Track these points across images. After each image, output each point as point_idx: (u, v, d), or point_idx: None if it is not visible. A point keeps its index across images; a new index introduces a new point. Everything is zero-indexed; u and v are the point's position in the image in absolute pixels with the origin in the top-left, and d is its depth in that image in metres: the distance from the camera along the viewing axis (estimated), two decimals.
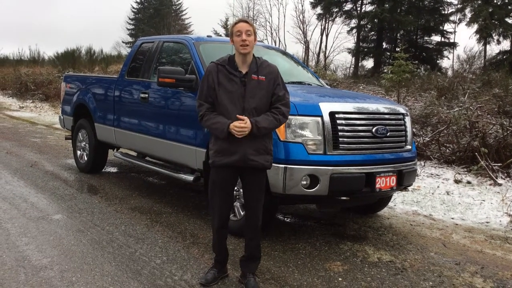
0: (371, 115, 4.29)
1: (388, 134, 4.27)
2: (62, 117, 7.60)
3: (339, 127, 4.04)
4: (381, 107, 4.48)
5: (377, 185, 4.11)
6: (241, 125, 3.00)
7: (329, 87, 5.97)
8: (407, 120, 4.62)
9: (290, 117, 3.92)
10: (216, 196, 3.25)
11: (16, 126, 12.25)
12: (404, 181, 4.37)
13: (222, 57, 3.22)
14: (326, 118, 4.00)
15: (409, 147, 4.57)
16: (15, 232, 4.17)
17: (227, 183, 3.23)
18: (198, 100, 3.19)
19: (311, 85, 5.57)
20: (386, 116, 4.44)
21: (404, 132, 4.52)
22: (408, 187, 4.82)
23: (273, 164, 3.93)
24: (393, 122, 4.45)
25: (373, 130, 4.18)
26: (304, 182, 3.91)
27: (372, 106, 4.39)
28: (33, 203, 5.10)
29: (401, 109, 4.67)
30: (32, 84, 20.35)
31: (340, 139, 4.03)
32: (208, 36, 5.79)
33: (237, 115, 3.03)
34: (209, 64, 3.23)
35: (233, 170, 3.18)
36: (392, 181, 4.24)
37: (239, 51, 3.12)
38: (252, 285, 3.21)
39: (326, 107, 4.05)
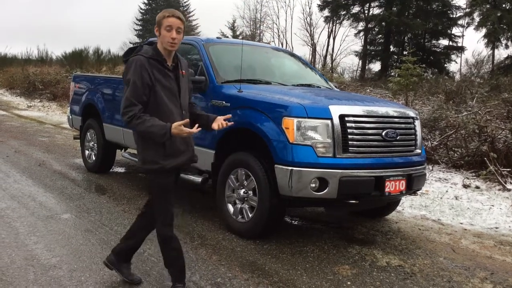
0: (381, 119, 4.27)
1: (398, 138, 4.25)
2: (70, 117, 7.64)
3: (349, 130, 4.02)
4: (391, 110, 4.46)
5: (387, 189, 4.09)
6: (192, 130, 2.75)
7: (338, 89, 5.95)
8: (417, 124, 4.59)
9: (300, 119, 3.95)
10: (166, 201, 2.95)
11: (24, 125, 12.31)
12: (413, 185, 4.35)
13: (145, 49, 2.89)
14: (336, 121, 3.98)
15: (418, 151, 4.54)
16: (24, 231, 4.19)
17: (173, 183, 3.00)
18: (130, 98, 2.77)
19: (320, 87, 5.56)
20: (396, 120, 4.41)
21: (414, 136, 4.50)
22: (417, 191, 4.79)
23: (283, 167, 3.95)
24: (403, 125, 4.43)
25: (383, 133, 4.15)
26: (313, 185, 3.89)
27: (382, 110, 4.37)
28: (41, 202, 5.12)
29: (411, 113, 4.64)
30: (40, 84, 20.45)
31: (349, 142, 4.01)
32: (217, 37, 5.80)
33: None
34: (136, 57, 2.85)
35: (176, 170, 3.03)
36: (402, 185, 4.22)
37: (166, 47, 2.87)
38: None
39: (336, 110, 4.04)
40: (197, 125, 2.80)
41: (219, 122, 3.04)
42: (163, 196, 2.95)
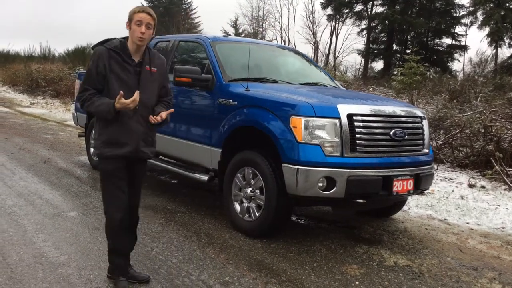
0: (389, 118, 4.25)
1: (405, 137, 4.24)
2: (75, 114, 7.63)
3: (357, 130, 4.01)
4: (398, 109, 4.44)
5: (394, 189, 4.08)
6: (133, 97, 2.84)
7: (344, 88, 5.94)
8: (425, 123, 4.58)
9: (307, 118, 3.95)
10: (111, 186, 3.03)
11: (27, 122, 12.32)
12: (421, 185, 4.33)
13: (112, 41, 3.01)
14: (344, 120, 3.97)
15: (426, 150, 4.53)
16: (32, 228, 4.19)
17: (121, 171, 3.05)
18: (84, 85, 2.96)
19: (326, 86, 5.55)
20: (404, 119, 4.40)
21: (421, 135, 4.48)
22: (424, 191, 4.78)
23: (290, 166, 3.95)
24: (411, 125, 4.42)
25: (391, 133, 4.14)
26: (321, 184, 3.88)
27: (389, 109, 4.36)
28: (48, 200, 5.12)
29: (419, 112, 4.63)
30: (42, 81, 20.45)
31: (357, 141, 4.00)
32: (224, 35, 5.79)
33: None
34: (98, 47, 2.98)
35: (123, 159, 3.05)
36: (409, 184, 4.21)
37: (135, 41, 2.96)
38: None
39: (344, 109, 4.02)
40: (137, 92, 2.87)
41: (153, 116, 3.03)
42: (107, 181, 3.06)
